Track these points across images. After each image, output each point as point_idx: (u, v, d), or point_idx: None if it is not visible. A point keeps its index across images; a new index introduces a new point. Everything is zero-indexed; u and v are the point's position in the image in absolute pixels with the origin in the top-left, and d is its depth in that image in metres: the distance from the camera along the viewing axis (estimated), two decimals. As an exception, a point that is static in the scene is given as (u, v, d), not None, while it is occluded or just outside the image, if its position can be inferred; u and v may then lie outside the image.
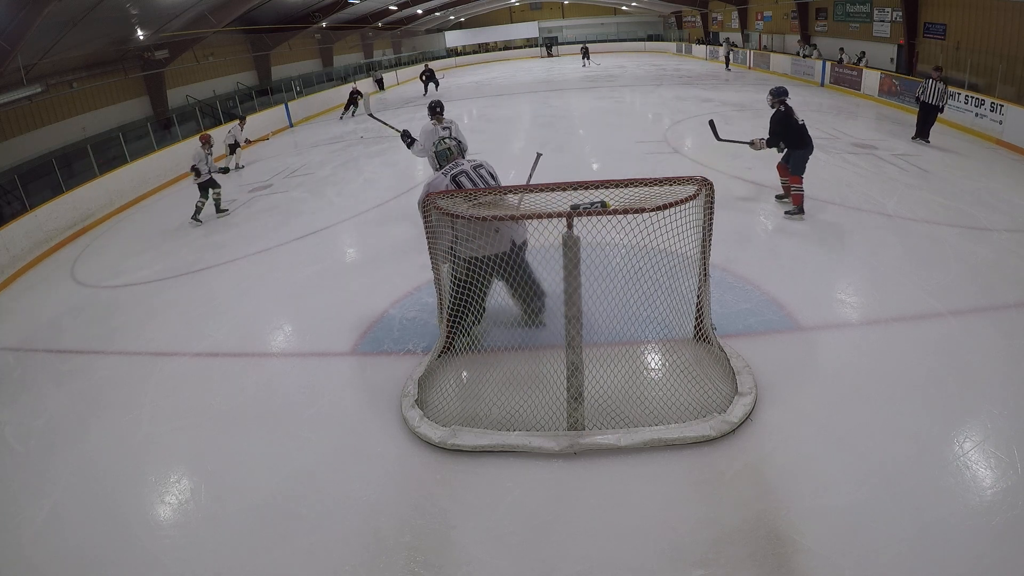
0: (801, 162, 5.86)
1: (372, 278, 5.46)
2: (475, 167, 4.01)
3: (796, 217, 5.88)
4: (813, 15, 18.76)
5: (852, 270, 4.95)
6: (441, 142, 4.12)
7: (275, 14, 18.11)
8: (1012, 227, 5.55)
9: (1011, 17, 10.83)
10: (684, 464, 2.96)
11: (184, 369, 4.36)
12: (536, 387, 3.33)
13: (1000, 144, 8.81)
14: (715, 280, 4.36)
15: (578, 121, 12.57)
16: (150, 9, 12.06)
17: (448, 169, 3.97)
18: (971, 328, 3.95)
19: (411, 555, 2.59)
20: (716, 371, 3.52)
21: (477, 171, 3.99)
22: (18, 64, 9.62)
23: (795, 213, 5.92)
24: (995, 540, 2.43)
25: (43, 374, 4.60)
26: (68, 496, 3.20)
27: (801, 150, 5.83)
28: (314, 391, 3.86)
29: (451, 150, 4.08)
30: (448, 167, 4.00)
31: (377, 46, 30.12)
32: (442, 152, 4.09)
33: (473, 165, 4.02)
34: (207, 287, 5.82)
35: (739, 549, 2.49)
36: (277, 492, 3.03)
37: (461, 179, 3.91)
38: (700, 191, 3.07)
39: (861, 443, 2.99)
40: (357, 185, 9.04)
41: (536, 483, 2.93)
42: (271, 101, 16.92)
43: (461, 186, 3.86)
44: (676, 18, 31.20)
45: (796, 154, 5.86)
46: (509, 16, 36.25)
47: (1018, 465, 2.78)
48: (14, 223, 7.47)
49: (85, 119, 12.91)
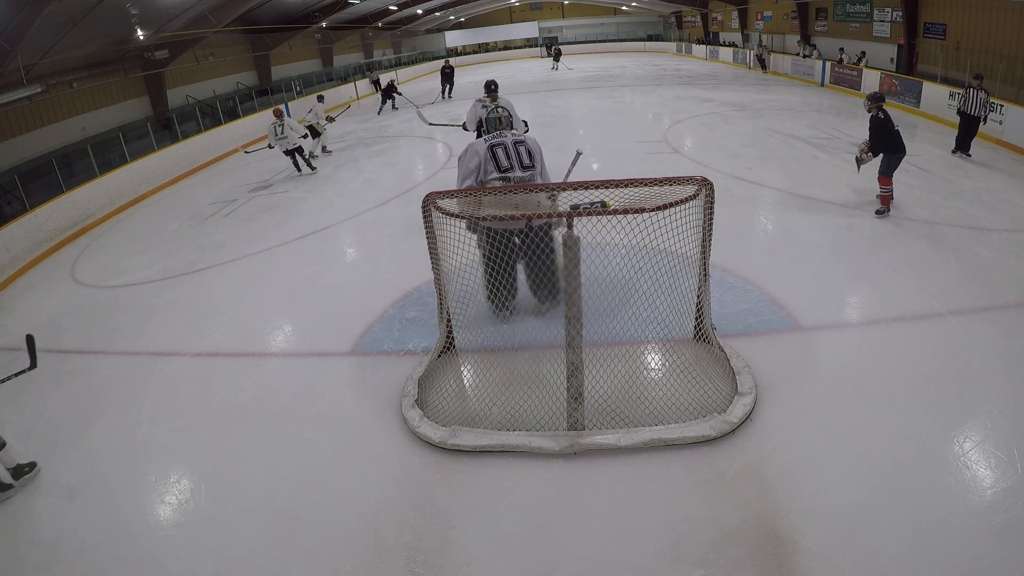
0: (894, 165, 6.06)
1: (372, 278, 5.46)
2: (516, 142, 4.08)
3: (884, 216, 6.05)
4: (813, 15, 18.75)
5: (852, 270, 4.95)
6: (494, 110, 4.31)
7: (275, 14, 18.10)
8: (1012, 227, 5.55)
9: (1011, 17, 10.83)
10: (684, 464, 2.96)
11: (184, 369, 4.36)
12: (536, 387, 3.33)
13: (1000, 144, 8.81)
14: (715, 280, 4.36)
15: (578, 121, 12.57)
16: (150, 9, 12.06)
17: (490, 137, 4.12)
18: (971, 328, 3.95)
19: (411, 555, 2.60)
20: (716, 371, 3.52)
21: (516, 147, 4.07)
22: (18, 64, 9.61)
23: (884, 213, 6.09)
24: (995, 540, 2.43)
25: (43, 374, 4.58)
26: (68, 496, 3.20)
27: (897, 154, 6.01)
28: (314, 391, 3.86)
29: (501, 119, 4.25)
30: (492, 135, 4.14)
31: (377, 46, 30.11)
32: (492, 120, 4.26)
33: (515, 139, 4.09)
34: (207, 287, 5.82)
35: (739, 549, 2.49)
36: (277, 492, 3.03)
37: (497, 150, 4.03)
38: (700, 191, 3.08)
39: (861, 443, 2.99)
40: (357, 185, 9.04)
41: (536, 483, 2.93)
42: (271, 101, 16.90)
43: (495, 156, 4.01)
44: (676, 18, 31.18)
45: (891, 158, 6.03)
46: (509, 16, 36.24)
47: (1018, 465, 2.78)
48: (14, 223, 7.47)
49: (85, 119, 12.90)
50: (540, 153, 4.19)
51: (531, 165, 4.06)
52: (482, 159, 4.02)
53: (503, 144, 4.05)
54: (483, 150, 4.03)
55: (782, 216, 6.34)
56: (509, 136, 4.11)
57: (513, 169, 4.03)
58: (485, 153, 4.02)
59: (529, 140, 4.17)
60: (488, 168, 4.02)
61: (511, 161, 4.02)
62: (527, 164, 4.05)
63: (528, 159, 4.06)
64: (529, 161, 4.06)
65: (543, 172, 4.20)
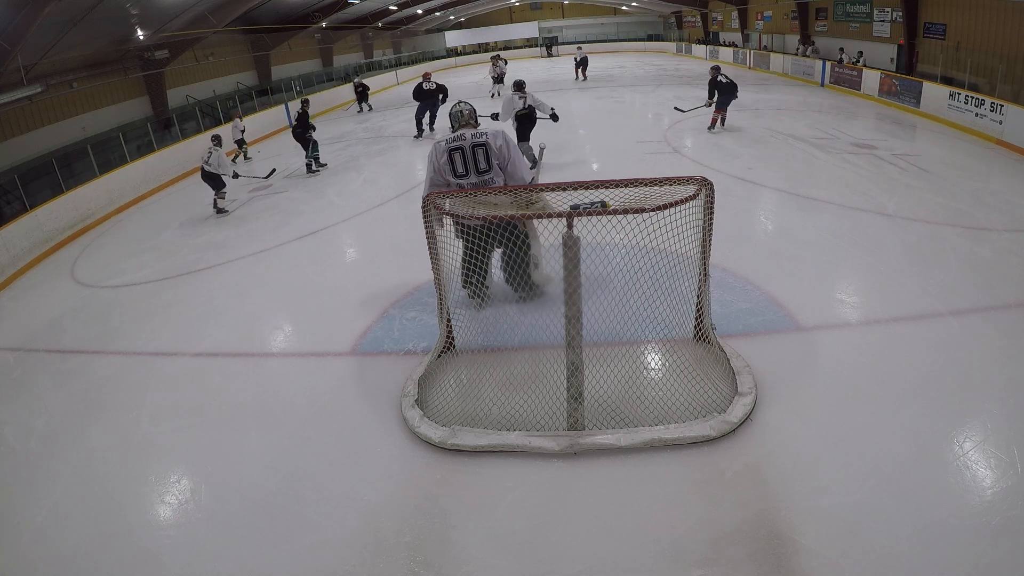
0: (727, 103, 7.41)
1: (372, 278, 5.46)
2: (474, 145, 4.13)
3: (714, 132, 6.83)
4: (813, 15, 18.75)
5: (852, 270, 4.95)
6: (456, 104, 4.45)
7: (275, 14, 18.10)
8: (1012, 227, 5.55)
9: (1011, 17, 10.83)
10: (684, 464, 2.95)
11: (184, 369, 4.36)
12: (536, 387, 3.33)
13: (1000, 144, 8.81)
14: (715, 280, 4.36)
15: (578, 121, 12.56)
16: (150, 9, 12.06)
17: (451, 140, 4.22)
18: (971, 328, 3.95)
19: (411, 555, 2.59)
20: (716, 371, 3.52)
21: (474, 150, 4.13)
22: (18, 64, 9.62)
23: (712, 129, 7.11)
24: (995, 540, 2.43)
25: (43, 374, 4.60)
26: (68, 496, 3.20)
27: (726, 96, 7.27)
28: (314, 391, 3.86)
29: (463, 113, 4.34)
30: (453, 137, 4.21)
31: (377, 46, 30.12)
32: (455, 114, 4.38)
33: (473, 142, 4.13)
34: (207, 287, 5.82)
35: (739, 549, 2.49)
36: (277, 492, 3.03)
37: (455, 155, 4.15)
38: (700, 191, 3.08)
39: (861, 443, 2.99)
40: (357, 185, 9.04)
41: (536, 483, 2.93)
42: (271, 101, 16.92)
43: (452, 161, 4.13)
44: (676, 18, 31.17)
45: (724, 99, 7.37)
46: (509, 16, 36.23)
47: (1018, 465, 2.78)
48: (14, 223, 7.47)
49: (85, 119, 12.90)
50: (508, 148, 4.19)
51: (487, 169, 4.16)
52: (441, 164, 4.17)
53: (461, 148, 4.13)
54: (443, 156, 4.15)
55: (782, 216, 6.34)
56: (469, 137, 4.15)
57: (468, 175, 4.15)
58: (444, 157, 4.15)
59: (492, 140, 4.15)
60: (446, 173, 4.18)
61: (467, 167, 4.14)
62: (483, 168, 4.15)
63: (485, 163, 4.14)
64: (486, 165, 4.15)
65: (513, 164, 4.22)
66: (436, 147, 4.21)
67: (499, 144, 4.16)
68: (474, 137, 4.14)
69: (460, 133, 4.19)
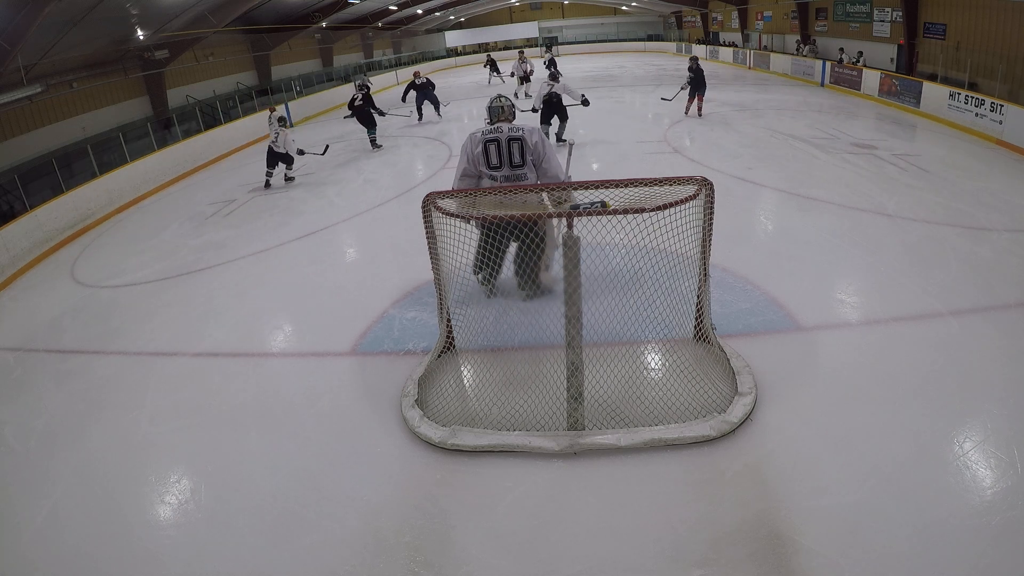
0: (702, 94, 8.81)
1: (372, 278, 5.46)
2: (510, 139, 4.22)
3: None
4: (813, 15, 18.75)
5: (852, 270, 4.95)
6: (497, 99, 4.51)
7: (275, 14, 18.10)
8: (1012, 227, 5.55)
9: (1011, 17, 10.83)
10: (684, 464, 2.95)
11: (184, 369, 4.36)
12: (536, 387, 3.33)
13: (1000, 144, 8.81)
14: (715, 280, 4.36)
15: (578, 121, 12.52)
16: (150, 9, 12.05)
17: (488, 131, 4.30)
18: (971, 328, 3.95)
19: (411, 555, 2.60)
20: (716, 371, 3.52)
21: (509, 144, 4.23)
22: (18, 64, 9.61)
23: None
24: (995, 540, 2.43)
25: (43, 374, 4.60)
26: (68, 496, 3.20)
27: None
28: (314, 391, 3.86)
29: (504, 108, 4.43)
30: (490, 129, 4.29)
31: (377, 46, 30.11)
32: (495, 109, 4.45)
33: (510, 136, 4.21)
34: (207, 287, 5.82)
35: (739, 549, 2.49)
36: (277, 492, 3.03)
37: (490, 147, 4.22)
38: (700, 191, 3.08)
39: (861, 443, 2.99)
40: (357, 185, 9.04)
41: (536, 483, 2.93)
42: (271, 101, 16.91)
43: (487, 153, 4.21)
44: (676, 18, 31.17)
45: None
46: (509, 16, 36.22)
47: (1018, 465, 2.78)
48: (14, 223, 7.46)
49: (85, 119, 12.90)
50: (543, 145, 4.26)
51: (521, 163, 4.22)
52: (476, 155, 4.24)
53: (497, 140, 4.20)
54: (479, 146, 4.22)
55: (782, 216, 6.34)
56: (506, 131, 4.22)
57: (502, 167, 4.23)
58: (480, 148, 4.22)
59: (528, 135, 4.23)
60: (479, 164, 4.26)
61: (501, 159, 4.21)
62: (517, 162, 4.22)
63: (519, 157, 4.20)
64: (520, 159, 4.21)
65: (548, 161, 4.27)
66: (472, 138, 4.26)
67: (535, 140, 4.23)
68: (511, 131, 4.22)
69: (498, 126, 4.26)
